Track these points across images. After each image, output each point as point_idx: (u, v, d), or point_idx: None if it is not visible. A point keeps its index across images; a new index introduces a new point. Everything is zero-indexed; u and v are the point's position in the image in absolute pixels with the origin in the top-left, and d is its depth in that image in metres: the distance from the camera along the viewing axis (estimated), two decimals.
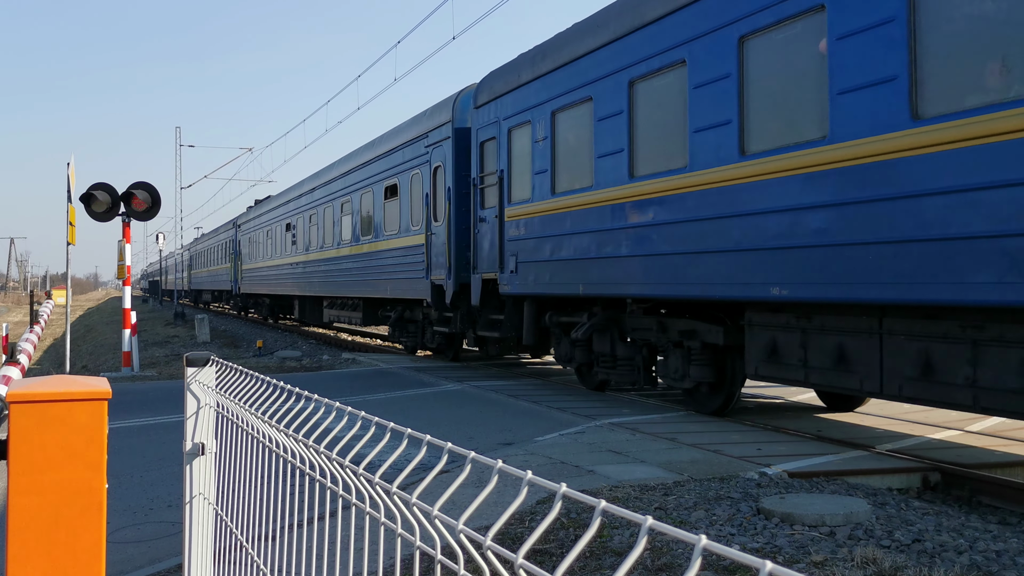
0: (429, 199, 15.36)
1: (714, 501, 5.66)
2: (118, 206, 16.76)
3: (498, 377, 13.88)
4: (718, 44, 8.35)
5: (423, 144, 15.84)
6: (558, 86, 11.15)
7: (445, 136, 14.82)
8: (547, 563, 4.73)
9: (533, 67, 11.87)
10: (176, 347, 25.20)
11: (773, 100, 7.76)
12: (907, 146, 6.39)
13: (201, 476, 3.14)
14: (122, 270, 18.02)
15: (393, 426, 1.81)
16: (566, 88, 10.98)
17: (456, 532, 1.37)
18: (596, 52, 10.35)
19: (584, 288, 10.48)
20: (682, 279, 8.85)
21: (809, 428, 8.79)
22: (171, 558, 5.25)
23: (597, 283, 10.26)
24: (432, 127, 15.48)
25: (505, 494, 5.76)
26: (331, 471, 2.00)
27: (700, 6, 8.60)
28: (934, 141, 6.20)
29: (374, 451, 1.88)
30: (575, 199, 10.72)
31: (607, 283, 10.09)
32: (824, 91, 7.14)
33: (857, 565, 4.40)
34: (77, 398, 2.58)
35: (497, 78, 12.98)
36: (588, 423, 9.01)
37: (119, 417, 9.82)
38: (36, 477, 2.53)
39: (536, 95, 11.73)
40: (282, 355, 20.72)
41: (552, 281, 11.27)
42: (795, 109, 7.52)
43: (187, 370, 3.21)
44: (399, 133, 17.40)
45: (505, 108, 12.61)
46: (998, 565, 4.62)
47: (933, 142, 6.21)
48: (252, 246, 34.99)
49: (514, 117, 12.29)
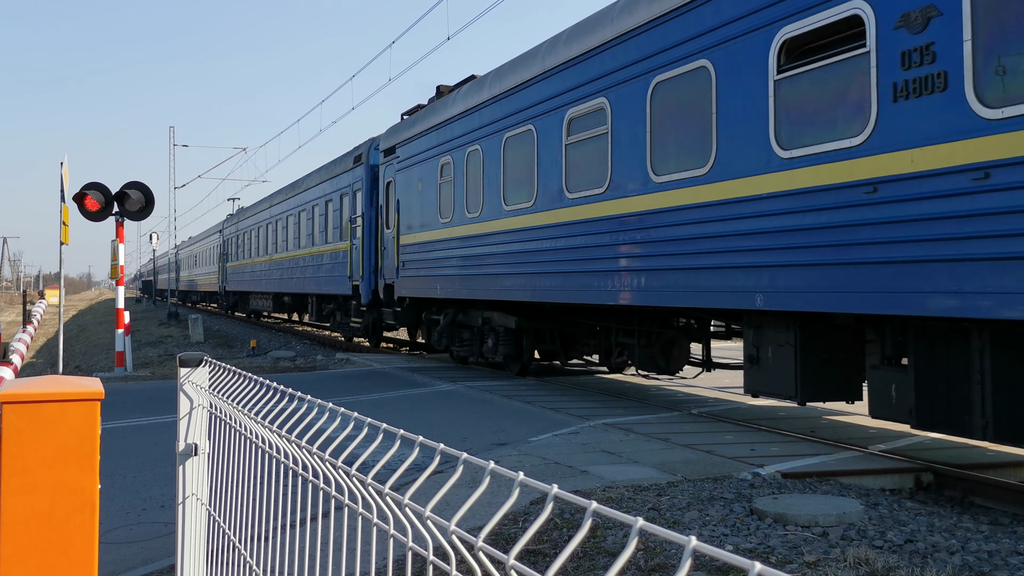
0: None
1: (707, 501, 5.67)
2: (111, 206, 16.73)
3: (492, 377, 13.88)
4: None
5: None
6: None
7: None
8: (540, 563, 4.73)
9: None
10: (169, 347, 25.15)
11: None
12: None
13: (194, 477, 3.14)
14: (115, 270, 17.98)
15: (386, 427, 1.82)
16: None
17: (448, 533, 1.37)
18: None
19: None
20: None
21: (803, 428, 8.81)
22: (164, 559, 5.24)
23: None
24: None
25: (498, 495, 5.76)
26: (324, 472, 2.00)
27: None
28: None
29: (367, 452, 1.88)
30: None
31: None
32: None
33: (850, 565, 4.41)
34: (70, 398, 2.58)
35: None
36: (582, 423, 9.02)
37: (112, 417, 9.80)
38: (29, 477, 2.53)
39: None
40: (276, 355, 20.70)
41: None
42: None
43: (180, 370, 3.20)
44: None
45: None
46: (990, 565, 4.64)
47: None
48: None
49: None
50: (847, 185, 6.65)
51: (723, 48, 8.02)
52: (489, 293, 12.91)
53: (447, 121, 14.64)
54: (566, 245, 10.78)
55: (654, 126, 9.04)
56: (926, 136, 6.02)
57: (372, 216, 18.99)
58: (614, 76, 9.71)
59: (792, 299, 7.16)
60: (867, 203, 6.47)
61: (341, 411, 2.04)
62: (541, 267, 11.40)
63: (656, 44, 8.98)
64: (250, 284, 34.67)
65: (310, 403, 2.28)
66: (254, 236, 33.59)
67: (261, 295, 33.86)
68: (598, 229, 10.04)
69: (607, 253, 9.85)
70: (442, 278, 14.86)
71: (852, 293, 6.60)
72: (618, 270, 9.68)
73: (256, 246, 33.02)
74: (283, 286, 28.19)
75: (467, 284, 13.77)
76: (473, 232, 13.62)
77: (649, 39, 9.10)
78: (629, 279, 9.48)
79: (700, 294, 8.31)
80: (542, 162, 11.35)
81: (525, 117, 11.79)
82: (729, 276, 7.90)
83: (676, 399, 11.33)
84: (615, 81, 9.68)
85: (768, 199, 7.45)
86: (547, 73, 11.17)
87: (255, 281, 33.33)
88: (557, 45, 11.02)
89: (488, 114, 13.00)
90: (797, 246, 7.12)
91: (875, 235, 6.39)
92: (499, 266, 12.61)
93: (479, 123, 13.33)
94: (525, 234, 11.82)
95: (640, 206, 9.24)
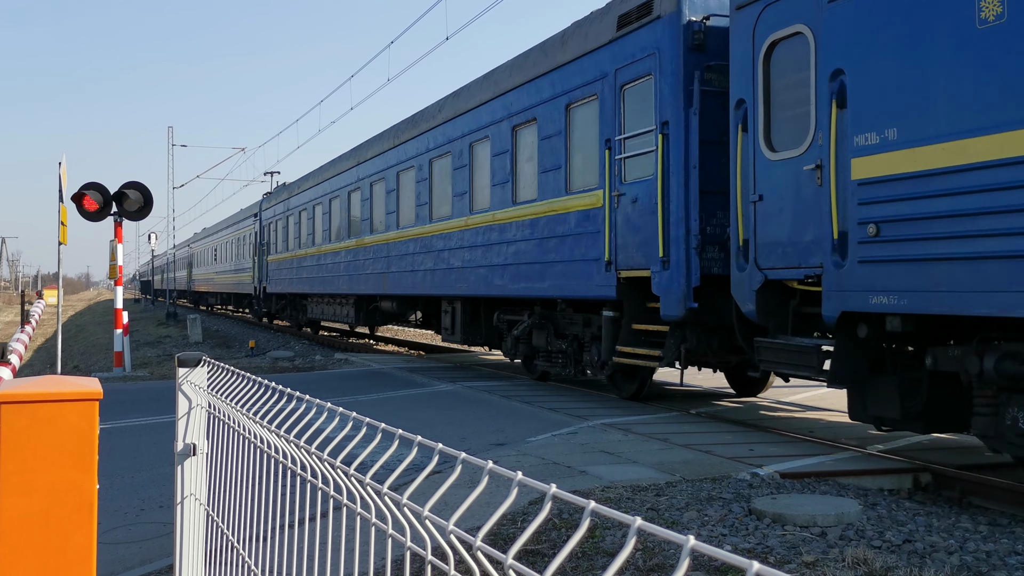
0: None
1: (706, 502, 5.68)
2: (110, 206, 16.72)
3: (491, 377, 13.88)
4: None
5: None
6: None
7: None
8: (539, 563, 4.73)
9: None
10: (168, 347, 25.14)
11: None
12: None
13: (192, 477, 3.14)
14: (114, 270, 17.97)
15: (384, 427, 1.82)
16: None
17: (447, 533, 1.37)
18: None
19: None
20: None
21: (801, 428, 8.82)
22: (162, 559, 5.24)
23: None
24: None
25: (497, 495, 5.76)
26: (322, 472, 2.00)
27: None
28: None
29: (365, 452, 1.88)
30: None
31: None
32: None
33: (848, 565, 4.41)
34: (68, 398, 2.58)
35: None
36: (581, 423, 9.02)
37: (110, 417, 9.80)
38: (27, 477, 2.53)
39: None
40: (274, 355, 20.70)
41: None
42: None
43: (179, 371, 3.20)
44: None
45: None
46: (988, 566, 4.64)
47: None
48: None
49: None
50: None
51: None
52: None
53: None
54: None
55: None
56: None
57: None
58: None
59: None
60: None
61: (340, 411, 2.04)
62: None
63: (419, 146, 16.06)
64: (312, 283, 23.80)
65: (308, 403, 2.29)
66: (323, 214, 22.79)
67: (332, 299, 22.87)
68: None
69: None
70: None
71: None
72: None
73: (328, 228, 22.21)
74: (404, 283, 16.78)
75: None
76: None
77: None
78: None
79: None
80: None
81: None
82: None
83: (675, 399, 11.33)
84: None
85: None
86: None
87: (322, 279, 22.62)
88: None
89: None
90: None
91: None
92: None
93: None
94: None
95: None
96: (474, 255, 13.67)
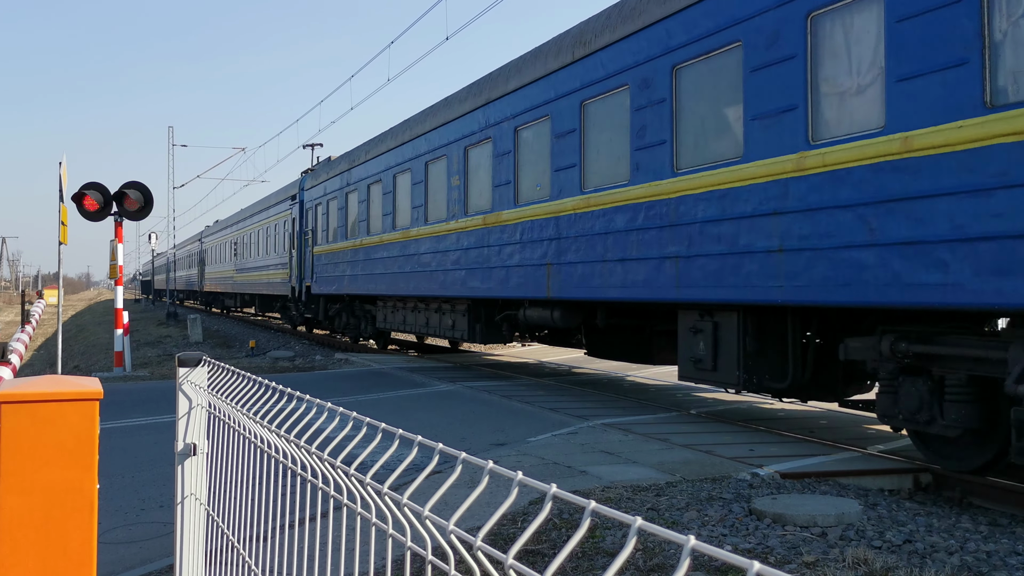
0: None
1: (706, 502, 5.68)
2: (110, 206, 16.72)
3: (491, 377, 13.88)
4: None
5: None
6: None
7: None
8: (539, 563, 4.73)
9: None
10: (168, 347, 25.15)
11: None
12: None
13: (193, 476, 3.14)
14: (114, 270, 17.97)
15: (385, 427, 1.82)
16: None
17: (447, 533, 1.37)
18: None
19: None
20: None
21: (801, 428, 8.82)
22: (163, 559, 5.24)
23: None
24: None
25: (498, 495, 5.76)
26: (322, 471, 2.00)
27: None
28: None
29: (366, 452, 1.88)
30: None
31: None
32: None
33: (848, 566, 4.41)
34: (68, 398, 2.58)
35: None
36: (581, 423, 9.02)
37: (111, 417, 9.80)
38: (27, 477, 2.53)
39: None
40: (275, 355, 20.70)
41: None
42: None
43: (179, 370, 3.20)
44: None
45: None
46: (988, 566, 4.64)
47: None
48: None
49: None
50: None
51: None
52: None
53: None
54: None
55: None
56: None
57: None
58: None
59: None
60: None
61: (340, 411, 2.04)
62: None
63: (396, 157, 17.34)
64: (389, 281, 17.32)
65: (309, 403, 2.28)
66: (411, 184, 16.20)
67: (425, 304, 16.55)
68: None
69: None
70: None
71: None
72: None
73: (423, 204, 15.56)
74: (589, 281, 10.37)
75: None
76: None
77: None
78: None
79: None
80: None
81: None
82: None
83: (675, 399, 11.34)
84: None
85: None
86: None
87: (408, 276, 16.23)
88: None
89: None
90: None
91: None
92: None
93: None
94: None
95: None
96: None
